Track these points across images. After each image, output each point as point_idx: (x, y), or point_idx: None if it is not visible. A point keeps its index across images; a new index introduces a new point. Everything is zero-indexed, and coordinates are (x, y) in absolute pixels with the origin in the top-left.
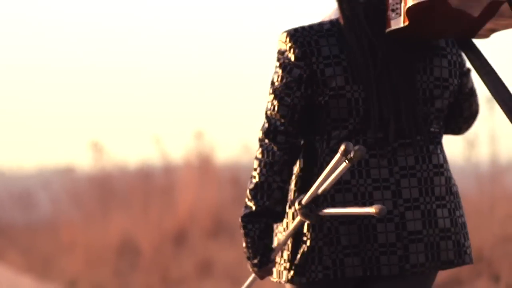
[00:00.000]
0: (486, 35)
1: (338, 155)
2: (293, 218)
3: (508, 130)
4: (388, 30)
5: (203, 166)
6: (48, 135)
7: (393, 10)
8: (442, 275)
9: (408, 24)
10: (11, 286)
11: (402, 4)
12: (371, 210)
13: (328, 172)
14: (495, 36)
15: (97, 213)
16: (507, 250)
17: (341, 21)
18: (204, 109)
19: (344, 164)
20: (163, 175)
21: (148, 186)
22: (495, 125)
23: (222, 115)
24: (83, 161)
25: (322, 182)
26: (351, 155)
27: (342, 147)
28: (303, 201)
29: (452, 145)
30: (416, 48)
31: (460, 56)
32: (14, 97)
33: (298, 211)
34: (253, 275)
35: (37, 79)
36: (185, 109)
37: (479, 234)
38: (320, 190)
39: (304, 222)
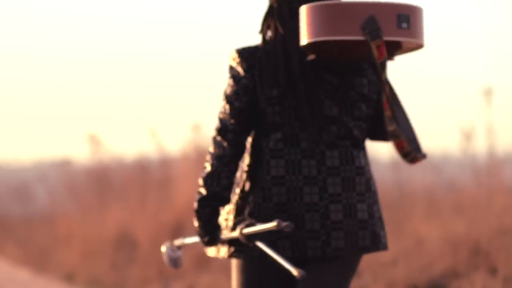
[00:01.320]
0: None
1: (273, 225)
2: (236, 205)
3: (506, 122)
4: (308, 59)
5: (200, 159)
6: (45, 128)
7: None
8: (438, 269)
9: (315, 56)
10: (8, 278)
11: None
12: (295, 272)
13: (266, 226)
14: None
15: (94, 205)
16: (504, 242)
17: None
18: (201, 101)
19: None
20: (160, 168)
21: (145, 178)
22: (492, 117)
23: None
24: (80, 153)
25: (261, 228)
26: (282, 227)
27: (275, 223)
28: (244, 231)
29: (449, 138)
30: (341, 70)
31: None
32: (11, 90)
33: (239, 235)
34: (197, 238)
35: (34, 73)
36: (182, 102)
37: (476, 227)
38: (256, 229)
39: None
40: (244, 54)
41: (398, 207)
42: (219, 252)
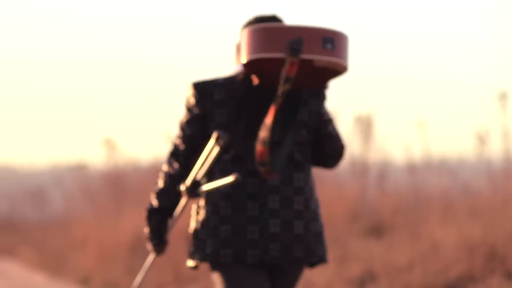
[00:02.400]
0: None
1: (212, 142)
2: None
3: None
4: (257, 85)
5: None
6: (61, 132)
7: None
8: (454, 273)
9: (259, 81)
10: (24, 282)
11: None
12: (230, 179)
13: (203, 160)
14: None
15: (109, 210)
16: None
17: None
18: None
19: (216, 150)
20: None
21: None
22: (507, 121)
23: None
24: (95, 158)
25: (199, 169)
26: (221, 140)
27: (215, 135)
28: (187, 183)
29: (464, 142)
30: (285, 100)
31: (319, 106)
32: (27, 94)
33: (184, 192)
34: (151, 256)
35: (50, 77)
36: None
37: (492, 231)
38: (198, 175)
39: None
40: (198, 86)
41: (414, 211)
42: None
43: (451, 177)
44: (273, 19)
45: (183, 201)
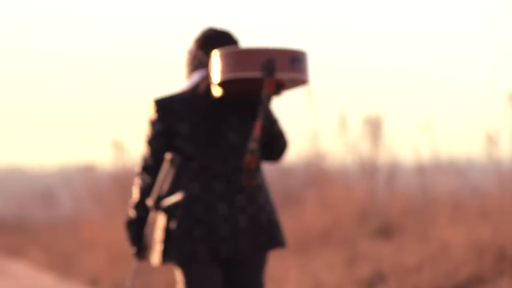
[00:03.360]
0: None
1: (167, 165)
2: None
3: None
4: (218, 95)
5: None
6: (69, 134)
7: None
8: (464, 274)
9: (224, 94)
10: (33, 283)
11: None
12: (179, 197)
13: (162, 179)
14: None
15: (118, 210)
16: None
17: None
18: None
19: (172, 170)
20: None
21: None
22: None
23: None
24: (104, 159)
25: (161, 186)
26: (176, 161)
27: (169, 157)
28: (153, 198)
29: (474, 143)
30: (239, 107)
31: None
32: (35, 96)
33: (151, 207)
34: (134, 262)
35: (58, 79)
36: None
37: (502, 232)
38: (162, 191)
39: (166, 218)
40: (160, 103)
41: (423, 212)
42: (154, 260)
43: (460, 178)
44: (226, 35)
45: (151, 214)
